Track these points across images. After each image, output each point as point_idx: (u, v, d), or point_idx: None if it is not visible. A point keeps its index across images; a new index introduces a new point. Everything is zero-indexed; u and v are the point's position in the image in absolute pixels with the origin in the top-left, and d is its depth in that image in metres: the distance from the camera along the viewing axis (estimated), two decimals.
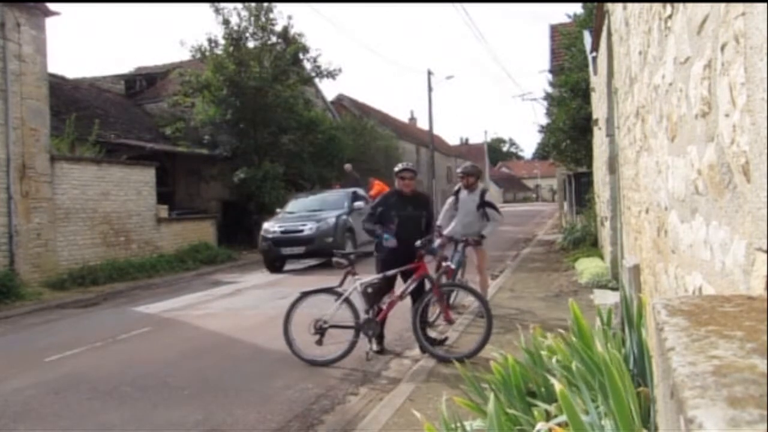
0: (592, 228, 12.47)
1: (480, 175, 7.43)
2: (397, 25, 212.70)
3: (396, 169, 5.94)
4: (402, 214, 5.65)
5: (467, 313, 7.05)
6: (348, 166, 17.23)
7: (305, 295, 5.40)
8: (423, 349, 5.24)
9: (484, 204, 7.03)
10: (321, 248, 12.23)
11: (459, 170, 7.51)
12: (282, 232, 12.72)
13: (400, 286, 5.55)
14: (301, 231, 12.66)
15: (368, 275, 5.50)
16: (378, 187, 14.23)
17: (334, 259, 5.74)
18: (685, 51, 1.67)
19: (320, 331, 5.25)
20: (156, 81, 22.74)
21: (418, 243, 5.36)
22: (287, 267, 13.24)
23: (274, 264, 12.81)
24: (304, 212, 13.64)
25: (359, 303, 5.30)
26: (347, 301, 5.25)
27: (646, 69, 2.74)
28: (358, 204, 13.34)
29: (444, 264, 6.06)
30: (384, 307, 5.41)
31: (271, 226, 12.97)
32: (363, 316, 5.27)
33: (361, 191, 14.58)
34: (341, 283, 5.42)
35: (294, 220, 13.09)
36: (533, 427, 2.20)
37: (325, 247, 11.94)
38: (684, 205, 1.87)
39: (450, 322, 6.05)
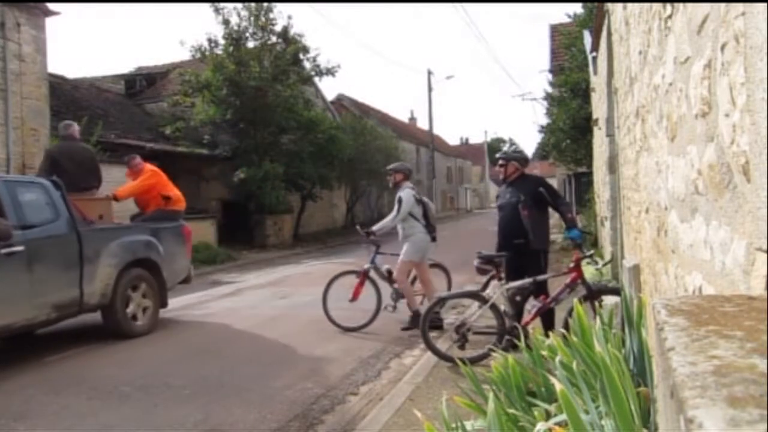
0: (592, 228, 12.48)
1: (408, 174, 6.97)
2: (397, 25, 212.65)
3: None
4: (502, 204, 5.24)
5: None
6: (66, 127, 7.49)
7: (443, 300, 5.12)
8: None
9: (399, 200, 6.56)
10: None
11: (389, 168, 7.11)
12: None
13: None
14: None
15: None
16: (152, 176, 7.72)
17: (476, 263, 5.20)
18: (685, 51, 1.66)
19: (463, 337, 5.04)
20: (156, 81, 22.76)
21: (588, 253, 4.98)
22: (288, 265, 13.10)
23: None
24: None
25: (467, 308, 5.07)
26: (493, 306, 4.94)
27: (646, 69, 2.74)
28: None
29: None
30: (533, 312, 4.99)
31: None
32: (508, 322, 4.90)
33: (45, 185, 6.14)
34: (484, 287, 5.13)
35: None
36: (533, 426, 2.20)
37: None
38: (684, 205, 1.87)
39: None
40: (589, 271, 8.47)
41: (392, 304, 6.72)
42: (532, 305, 5.06)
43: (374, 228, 6.74)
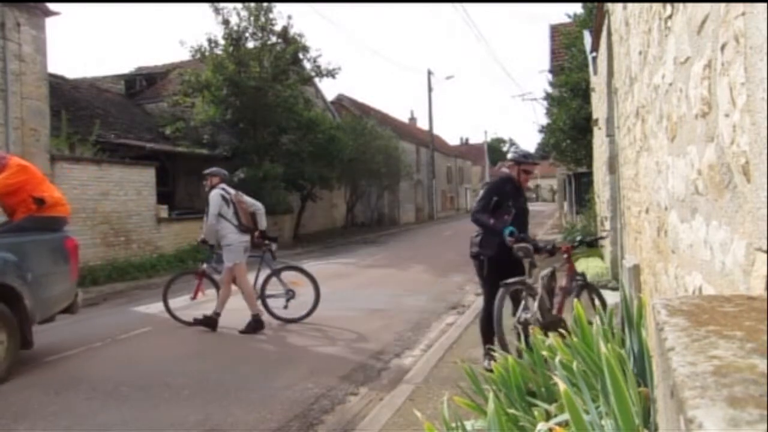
0: (592, 228, 12.47)
1: (224, 177, 7.11)
2: (397, 25, 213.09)
3: (519, 156, 5.06)
4: (518, 206, 4.94)
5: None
6: None
7: (508, 286, 4.72)
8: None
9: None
10: None
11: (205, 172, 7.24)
12: None
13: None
14: None
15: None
16: (18, 173, 5.77)
17: (518, 246, 4.87)
18: (685, 51, 1.66)
19: (525, 331, 4.75)
20: (156, 81, 22.77)
21: (577, 239, 5.17)
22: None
23: None
24: None
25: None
26: (541, 294, 4.73)
27: (646, 69, 2.74)
28: None
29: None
30: (558, 302, 4.90)
31: None
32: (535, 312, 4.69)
33: None
34: (530, 275, 4.93)
35: None
36: (534, 426, 2.20)
37: None
38: (684, 205, 1.87)
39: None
40: (591, 270, 8.48)
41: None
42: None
43: (205, 237, 7.02)
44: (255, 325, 6.67)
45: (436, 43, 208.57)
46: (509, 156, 5.21)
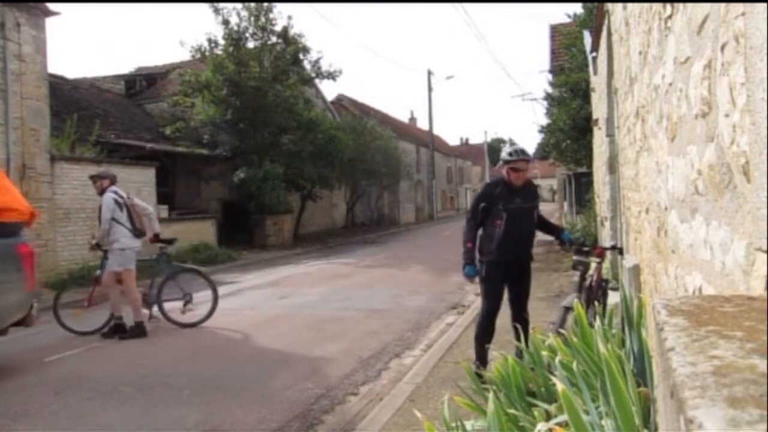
0: (592, 228, 12.48)
1: (114, 180, 6.96)
2: (397, 25, 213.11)
3: (506, 155, 4.68)
4: (510, 207, 4.59)
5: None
6: None
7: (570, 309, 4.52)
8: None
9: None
10: None
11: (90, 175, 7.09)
12: None
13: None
14: None
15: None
16: None
17: (575, 257, 4.90)
18: (685, 51, 1.66)
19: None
20: (156, 81, 22.78)
21: (611, 244, 5.18)
22: (288, 265, 13.09)
23: None
24: None
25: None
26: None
27: (646, 69, 2.74)
28: None
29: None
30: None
31: None
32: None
33: None
34: (580, 287, 4.83)
35: None
36: (533, 426, 2.20)
37: None
38: (684, 205, 1.87)
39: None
40: (591, 270, 8.43)
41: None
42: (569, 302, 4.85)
43: (98, 240, 6.88)
44: (138, 331, 6.61)
45: (436, 43, 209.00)
46: (500, 155, 5.13)
